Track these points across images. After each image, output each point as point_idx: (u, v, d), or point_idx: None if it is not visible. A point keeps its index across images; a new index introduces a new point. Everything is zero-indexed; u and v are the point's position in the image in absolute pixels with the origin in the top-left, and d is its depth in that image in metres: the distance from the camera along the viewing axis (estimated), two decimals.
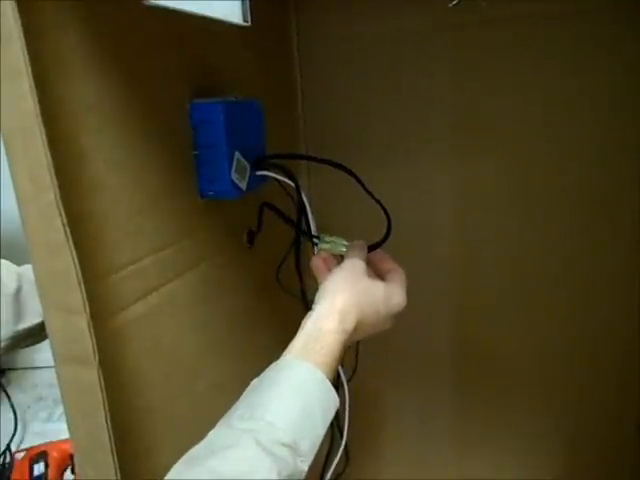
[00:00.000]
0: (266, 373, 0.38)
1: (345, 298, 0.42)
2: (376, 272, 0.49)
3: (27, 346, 0.65)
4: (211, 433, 0.34)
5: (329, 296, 0.42)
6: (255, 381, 0.38)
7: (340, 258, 0.50)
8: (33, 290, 0.61)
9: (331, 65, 0.77)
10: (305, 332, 0.40)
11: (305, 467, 0.33)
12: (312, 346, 0.39)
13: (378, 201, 0.51)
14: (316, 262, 0.50)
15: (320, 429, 0.36)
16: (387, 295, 0.45)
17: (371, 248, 0.51)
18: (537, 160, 0.73)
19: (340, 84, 0.78)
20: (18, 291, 0.60)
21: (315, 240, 0.52)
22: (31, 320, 0.61)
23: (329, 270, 0.48)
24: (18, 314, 0.60)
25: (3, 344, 0.60)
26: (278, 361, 0.38)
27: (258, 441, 0.32)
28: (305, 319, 0.41)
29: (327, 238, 0.51)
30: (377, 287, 0.45)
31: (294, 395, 0.36)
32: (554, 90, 0.70)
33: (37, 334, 0.63)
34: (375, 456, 0.90)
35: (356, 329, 0.41)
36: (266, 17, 0.65)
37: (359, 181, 0.51)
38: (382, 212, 0.79)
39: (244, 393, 0.37)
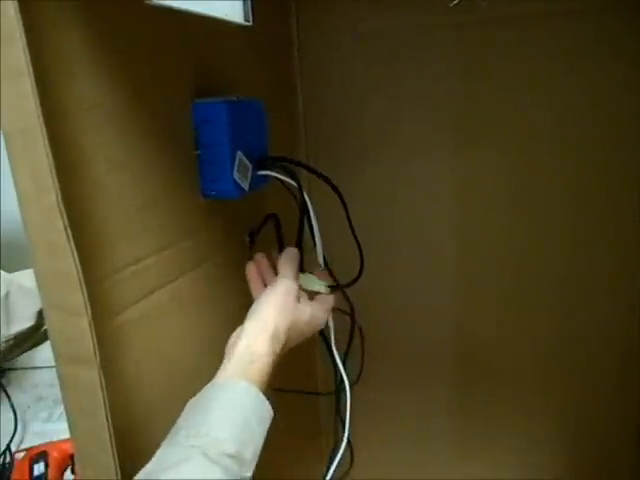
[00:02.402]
0: (203, 393, 0.41)
1: (277, 324, 0.46)
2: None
3: (23, 352, 0.66)
4: (159, 451, 0.37)
5: (262, 321, 0.46)
6: (192, 401, 0.41)
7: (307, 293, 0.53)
8: (21, 295, 0.62)
9: (331, 64, 0.77)
10: (238, 356, 0.43)
11: (249, 473, 0.37)
12: (246, 367, 0.42)
13: (355, 236, 0.54)
14: (250, 269, 0.54)
15: (258, 438, 0.40)
16: (311, 317, 0.50)
17: (335, 287, 0.54)
18: (538, 159, 0.73)
19: (340, 83, 0.78)
20: (6, 296, 0.61)
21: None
22: (20, 325, 0.62)
23: (262, 280, 0.53)
24: (7, 319, 0.61)
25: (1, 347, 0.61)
26: (214, 381, 0.42)
27: (206, 454, 0.35)
28: (234, 339, 0.45)
29: (302, 276, 0.54)
30: (304, 312, 0.49)
31: (233, 411, 0.39)
32: (556, 89, 0.70)
33: (28, 338, 0.63)
34: (377, 456, 0.90)
35: (283, 348, 0.46)
36: (267, 16, 0.65)
37: (345, 208, 0.53)
38: (382, 212, 0.80)
39: (183, 412, 0.40)
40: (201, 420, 0.38)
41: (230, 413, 0.39)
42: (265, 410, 0.41)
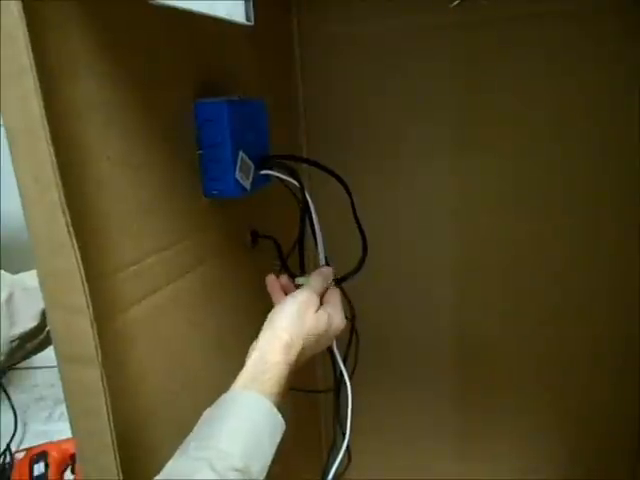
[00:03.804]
0: (217, 404, 0.41)
1: (291, 334, 0.45)
2: None
3: (27, 355, 0.66)
4: (169, 464, 0.37)
5: (276, 332, 0.45)
6: (207, 412, 0.40)
7: None
8: (25, 296, 0.62)
9: (332, 65, 0.77)
10: (252, 364, 0.43)
11: None
12: (259, 377, 0.42)
13: (360, 228, 0.54)
14: (270, 279, 0.53)
15: (269, 452, 0.39)
16: (329, 324, 0.48)
17: (341, 280, 0.53)
18: (538, 160, 0.73)
19: (341, 83, 0.78)
20: (10, 297, 0.61)
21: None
22: (24, 325, 0.62)
23: (282, 288, 0.52)
24: (10, 320, 0.61)
25: (3, 349, 0.61)
26: (228, 393, 0.41)
27: (213, 468, 0.35)
28: (252, 349, 0.45)
29: (302, 279, 0.54)
30: (322, 319, 0.48)
31: (244, 424, 0.39)
32: (555, 90, 0.70)
33: (32, 339, 0.63)
34: (376, 456, 0.90)
35: (299, 358, 0.45)
36: (268, 17, 0.65)
37: (350, 198, 0.53)
38: (383, 212, 0.80)
39: (197, 424, 0.40)
40: (211, 433, 0.38)
41: (240, 426, 0.38)
42: (277, 423, 0.41)
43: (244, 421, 0.39)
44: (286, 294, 0.52)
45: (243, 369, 0.43)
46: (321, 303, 0.50)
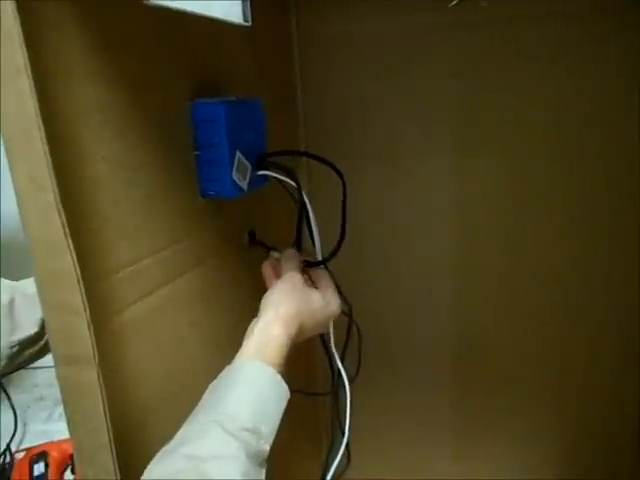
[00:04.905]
0: (222, 375, 0.42)
1: (287, 307, 0.46)
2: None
3: (27, 362, 0.66)
4: (180, 431, 0.38)
5: (273, 306, 0.47)
6: (213, 384, 0.42)
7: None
8: (26, 302, 0.63)
9: (331, 65, 0.77)
10: (253, 339, 0.44)
11: (267, 447, 0.38)
12: (262, 350, 0.43)
13: (344, 212, 0.54)
14: (266, 268, 0.54)
15: (275, 417, 0.40)
16: (324, 303, 0.50)
17: (315, 263, 0.54)
18: (537, 160, 0.73)
19: (339, 83, 0.78)
20: (11, 303, 0.62)
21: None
22: (24, 331, 0.62)
23: (277, 277, 0.52)
24: (12, 325, 0.62)
25: (3, 354, 0.61)
26: (232, 363, 0.43)
27: (225, 429, 0.36)
28: (251, 327, 0.46)
29: (277, 253, 0.56)
30: (315, 296, 0.50)
31: (250, 389, 0.40)
32: (555, 90, 0.70)
33: (32, 345, 0.64)
34: (375, 456, 0.90)
35: (298, 333, 0.46)
36: (266, 17, 0.65)
37: (344, 188, 0.54)
38: (382, 212, 0.80)
39: (204, 394, 0.41)
40: (218, 401, 0.39)
41: (247, 393, 0.40)
42: (282, 390, 0.42)
43: (250, 389, 0.40)
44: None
45: (245, 343, 0.44)
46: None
